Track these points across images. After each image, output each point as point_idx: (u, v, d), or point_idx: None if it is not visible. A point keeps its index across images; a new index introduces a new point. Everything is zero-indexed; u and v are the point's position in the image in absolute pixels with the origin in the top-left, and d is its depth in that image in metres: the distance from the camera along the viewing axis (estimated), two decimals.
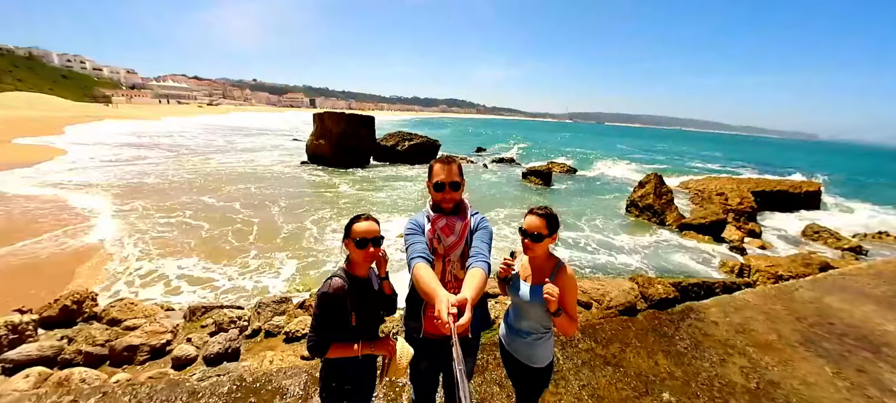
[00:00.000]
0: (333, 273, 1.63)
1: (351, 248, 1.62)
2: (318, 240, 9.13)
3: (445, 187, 1.68)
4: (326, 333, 1.55)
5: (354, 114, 21.99)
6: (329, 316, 1.54)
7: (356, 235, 1.58)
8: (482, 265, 1.52)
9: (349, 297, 1.57)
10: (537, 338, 1.80)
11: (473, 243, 1.66)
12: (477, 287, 1.38)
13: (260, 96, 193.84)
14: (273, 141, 31.28)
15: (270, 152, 25.21)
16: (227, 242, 8.66)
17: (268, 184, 14.96)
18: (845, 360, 3.41)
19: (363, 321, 1.64)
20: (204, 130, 36.51)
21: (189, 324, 4.58)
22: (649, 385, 2.90)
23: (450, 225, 1.69)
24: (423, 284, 1.42)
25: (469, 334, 1.68)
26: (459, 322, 1.16)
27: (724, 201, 14.17)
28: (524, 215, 1.77)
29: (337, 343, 1.58)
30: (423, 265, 1.52)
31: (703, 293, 5.62)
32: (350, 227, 1.62)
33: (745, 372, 3.15)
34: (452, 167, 1.69)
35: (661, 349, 3.41)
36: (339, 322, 1.57)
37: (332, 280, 1.57)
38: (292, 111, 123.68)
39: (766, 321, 4.06)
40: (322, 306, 1.54)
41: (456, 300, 1.22)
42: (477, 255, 1.58)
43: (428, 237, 1.69)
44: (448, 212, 1.72)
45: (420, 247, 1.62)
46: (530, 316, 1.80)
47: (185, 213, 10.43)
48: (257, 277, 7.05)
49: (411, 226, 1.74)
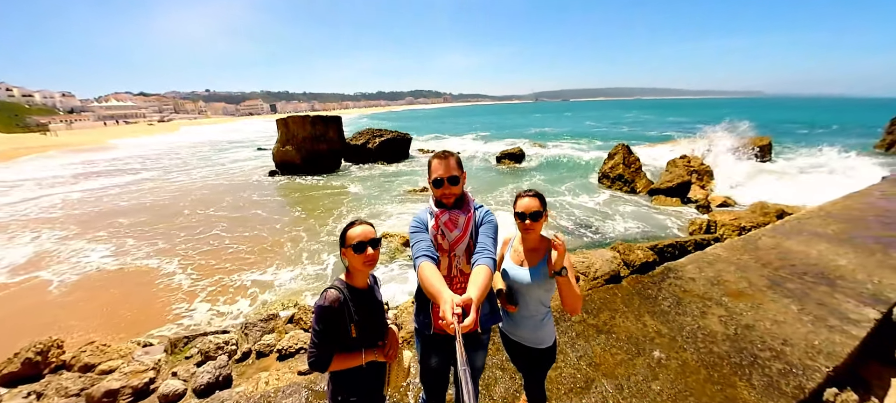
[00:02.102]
0: (330, 285, 1.58)
1: (349, 255, 1.57)
2: (295, 257, 8.86)
3: (444, 183, 1.66)
4: (326, 347, 1.51)
5: (320, 115, 21.29)
6: (327, 330, 1.50)
7: (352, 240, 1.54)
8: (487, 261, 1.51)
9: (347, 308, 1.53)
10: (540, 319, 1.84)
11: (479, 239, 1.65)
12: (482, 286, 1.38)
13: (215, 107, 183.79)
14: (236, 154, 29.80)
15: (235, 166, 24.00)
16: (203, 268, 8.24)
17: (236, 202, 14.24)
18: (807, 297, 3.73)
19: (364, 332, 1.59)
20: (156, 152, 34.22)
21: (172, 357, 4.34)
22: (640, 346, 3.06)
23: (453, 220, 1.67)
24: (427, 284, 1.41)
25: (478, 329, 1.70)
26: (464, 323, 1.15)
27: (686, 163, 14.96)
28: (514, 201, 1.80)
29: (339, 355, 1.54)
30: (427, 264, 1.50)
31: (678, 253, 5.95)
32: (345, 234, 1.57)
33: (723, 321, 3.38)
34: (450, 161, 1.67)
35: (647, 310, 3.59)
36: (339, 335, 1.53)
37: (328, 292, 1.53)
38: (253, 119, 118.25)
39: (737, 271, 4.37)
40: (319, 319, 1.50)
41: (461, 300, 1.21)
42: (482, 251, 1.57)
43: (432, 234, 1.67)
44: (450, 207, 1.70)
45: (425, 245, 1.60)
46: (531, 299, 1.82)
47: (156, 243, 9.78)
48: (239, 299, 6.78)
49: (415, 224, 1.72)
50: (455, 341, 1.03)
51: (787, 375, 2.68)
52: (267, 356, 4.10)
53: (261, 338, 4.37)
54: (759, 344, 3.03)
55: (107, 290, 7.27)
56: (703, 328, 3.29)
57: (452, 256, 1.69)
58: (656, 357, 2.93)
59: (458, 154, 1.73)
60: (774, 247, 5.05)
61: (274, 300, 6.59)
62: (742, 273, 4.30)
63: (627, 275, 4.49)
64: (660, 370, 2.78)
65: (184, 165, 24.73)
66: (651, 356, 2.94)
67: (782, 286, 4.00)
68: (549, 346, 1.89)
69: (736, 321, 3.36)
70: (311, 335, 1.54)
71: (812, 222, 6.07)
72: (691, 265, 4.58)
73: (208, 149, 33.49)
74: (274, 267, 7.97)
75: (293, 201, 14.13)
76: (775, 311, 3.50)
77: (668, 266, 4.58)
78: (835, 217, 6.22)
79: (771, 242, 5.24)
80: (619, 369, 2.80)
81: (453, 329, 1.11)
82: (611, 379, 2.70)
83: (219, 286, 7.26)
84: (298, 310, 4.77)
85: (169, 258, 8.64)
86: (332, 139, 21.32)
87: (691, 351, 2.99)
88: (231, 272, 7.84)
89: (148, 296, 6.96)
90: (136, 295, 7.03)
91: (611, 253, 4.93)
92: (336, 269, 7.77)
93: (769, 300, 3.70)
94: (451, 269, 1.69)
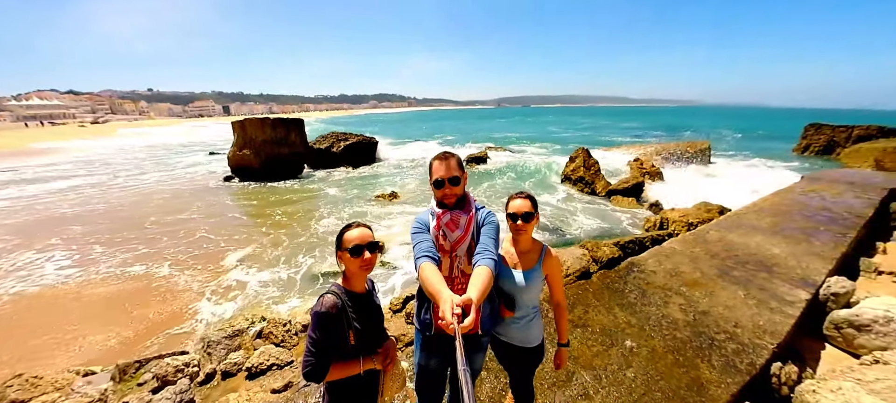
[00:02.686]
0: (327, 290, 1.52)
1: (345, 259, 1.51)
2: (258, 268, 8.38)
3: (445, 183, 1.67)
4: (323, 355, 1.44)
5: (282, 117, 20.33)
6: (324, 337, 1.43)
7: (349, 243, 1.49)
8: (488, 262, 1.51)
9: (346, 314, 1.47)
10: (530, 320, 1.87)
11: (480, 239, 1.66)
12: (482, 287, 1.38)
13: (160, 108, 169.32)
14: (188, 158, 27.58)
15: (186, 170, 22.20)
16: (147, 290, 7.53)
17: (185, 212, 13.12)
18: (751, 282, 4.16)
19: (363, 339, 1.54)
20: (87, 161, 30.71)
21: (121, 385, 3.92)
22: (613, 337, 3.24)
23: (454, 220, 1.67)
24: (427, 284, 1.40)
25: (479, 331, 1.70)
26: (464, 323, 1.15)
27: (639, 165, 16.09)
28: (507, 203, 1.83)
29: (336, 364, 1.48)
30: (428, 265, 1.49)
31: (639, 248, 6.38)
32: (341, 237, 1.52)
33: (683, 309, 3.67)
34: (451, 162, 1.68)
35: (617, 303, 3.81)
36: (336, 342, 1.47)
37: (325, 298, 1.46)
38: (204, 121, 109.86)
39: (690, 263, 4.76)
40: (316, 326, 1.43)
41: (461, 301, 1.21)
42: (483, 252, 1.57)
43: (433, 234, 1.67)
44: (451, 207, 1.71)
45: (425, 246, 1.59)
46: (522, 301, 1.84)
47: (99, 266, 8.74)
48: (196, 316, 6.27)
49: (417, 225, 1.71)
50: (455, 341, 1.02)
51: (740, 353, 2.97)
52: (234, 375, 3.83)
53: (226, 357, 4.07)
54: (715, 328, 3.32)
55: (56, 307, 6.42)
56: (666, 316, 3.54)
57: (454, 256, 1.69)
58: (628, 346, 3.12)
59: (458, 155, 1.72)
60: (720, 240, 5.58)
61: (236, 314, 6.17)
62: (695, 265, 4.70)
63: (596, 271, 4.74)
64: (632, 358, 2.96)
65: (116, 176, 22.40)
66: (624, 345, 3.12)
67: (729, 274, 4.42)
68: (537, 345, 1.92)
69: (694, 308, 3.67)
70: (307, 343, 1.46)
71: (748, 217, 6.78)
72: (651, 259, 4.93)
73: (144, 155, 30.65)
74: (232, 280, 7.46)
75: (252, 209, 13.33)
76: (726, 297, 3.87)
77: (631, 261, 4.88)
78: (766, 212, 6.99)
79: (717, 235, 5.78)
80: (596, 360, 2.95)
81: (453, 330, 1.10)
82: (589, 370, 2.84)
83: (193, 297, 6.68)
84: (268, 324, 4.50)
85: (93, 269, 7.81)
86: (294, 143, 20.45)
87: (658, 339, 3.21)
88: (182, 289, 7.24)
89: (148, 303, 6.28)
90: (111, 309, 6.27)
91: (580, 251, 5.17)
92: (305, 281, 7.45)
93: (720, 288, 4.08)
94: (452, 270, 1.69)
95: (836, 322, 3.59)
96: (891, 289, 4.63)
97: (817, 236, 5.66)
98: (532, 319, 1.87)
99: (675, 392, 2.60)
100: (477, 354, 1.85)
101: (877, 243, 6.43)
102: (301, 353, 4.05)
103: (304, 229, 10.60)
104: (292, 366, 3.73)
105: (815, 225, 6.16)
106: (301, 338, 4.28)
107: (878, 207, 7.42)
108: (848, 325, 3.50)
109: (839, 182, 9.48)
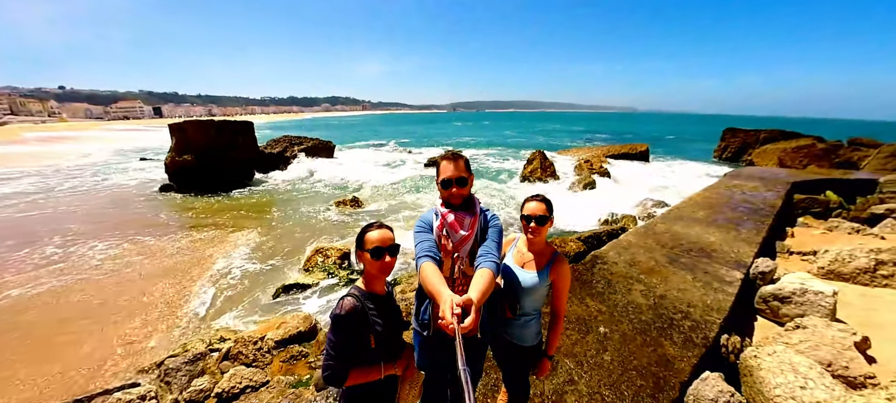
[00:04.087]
0: (347, 292, 1.48)
1: (365, 260, 1.48)
2: (207, 286, 7.73)
3: (453, 184, 1.65)
4: (344, 359, 1.40)
5: (227, 120, 18.88)
6: (344, 341, 1.40)
7: (370, 244, 1.46)
8: (490, 265, 1.49)
9: (366, 317, 1.45)
10: (530, 319, 1.89)
11: (483, 242, 1.65)
12: (483, 288, 1.36)
13: (74, 108, 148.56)
14: (114, 165, 24.47)
15: (113, 178, 19.70)
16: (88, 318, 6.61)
17: (110, 232, 11.62)
18: (696, 267, 4.70)
19: (384, 342, 1.52)
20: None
21: None
22: (588, 325, 3.48)
23: (459, 220, 1.66)
24: (428, 284, 1.39)
25: (477, 334, 1.68)
26: (464, 324, 1.13)
27: (590, 166, 17.28)
28: (522, 205, 1.85)
29: (357, 369, 1.45)
30: (428, 264, 1.48)
31: (598, 243, 6.87)
32: (362, 237, 1.49)
33: (644, 294, 4.05)
34: (459, 163, 1.67)
35: (587, 294, 4.09)
36: (357, 346, 1.44)
37: (345, 301, 1.43)
38: (132, 124, 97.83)
39: (645, 253, 5.25)
40: (335, 330, 1.39)
41: (461, 301, 1.19)
42: (486, 254, 1.56)
43: (436, 234, 1.66)
44: (457, 207, 1.70)
45: (427, 245, 1.58)
46: (532, 300, 1.85)
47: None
48: (142, 343, 5.62)
49: (420, 224, 1.69)
50: (455, 342, 1.01)
51: (696, 329, 3.35)
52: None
53: (189, 384, 3.71)
54: (672, 309, 3.71)
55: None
56: (631, 302, 3.88)
57: (456, 258, 1.67)
58: (602, 332, 3.37)
59: (466, 156, 1.73)
60: (667, 231, 6.21)
61: (190, 338, 5.62)
62: (650, 254, 5.19)
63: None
64: (607, 342, 3.21)
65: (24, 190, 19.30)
66: (598, 332, 3.38)
67: (678, 261, 4.95)
68: (532, 345, 1.93)
69: (653, 293, 4.06)
70: (327, 346, 1.42)
71: (687, 210, 7.62)
72: (612, 251, 5.35)
73: (53, 163, 26.71)
74: (185, 301, 6.79)
75: (195, 222, 12.20)
76: (678, 281, 4.33)
77: (595, 254, 5.27)
78: (700, 205, 7.90)
79: (664, 227, 6.43)
80: (577, 348, 3.15)
81: (452, 330, 1.09)
82: (572, 358, 3.03)
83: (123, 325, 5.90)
84: (236, 344, 4.17)
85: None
86: (242, 147, 19.08)
87: (626, 323, 3.51)
88: (129, 310, 6.44)
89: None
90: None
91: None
92: (266, 297, 6.99)
93: (672, 274, 4.55)
94: (453, 271, 1.67)
95: (764, 297, 4.18)
96: (801, 266, 5.48)
97: (743, 224, 6.53)
98: (532, 320, 1.90)
99: (647, 369, 2.87)
100: (477, 356, 1.84)
101: (786, 228, 7.56)
102: (277, 372, 3.80)
103: (260, 240, 9.95)
104: (268, 387, 3.50)
105: (740, 216, 7.09)
106: (275, 356, 4.03)
107: (785, 198, 8.72)
108: (773, 298, 4.10)
109: (754, 178, 10.98)
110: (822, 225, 7.49)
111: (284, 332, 4.31)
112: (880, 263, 4.74)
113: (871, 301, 4.36)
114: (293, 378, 3.70)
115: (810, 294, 3.85)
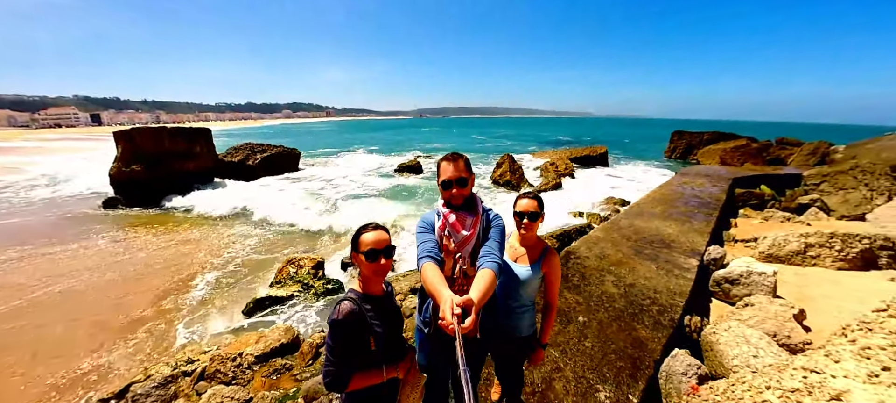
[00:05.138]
0: (343, 296, 1.47)
1: (360, 261, 1.46)
2: (166, 311, 7.22)
3: (453, 185, 1.65)
4: (343, 364, 1.39)
5: (182, 127, 17.68)
6: (344, 345, 1.39)
7: (364, 246, 1.44)
8: (492, 265, 1.49)
9: (365, 319, 1.44)
10: (525, 310, 1.96)
11: (485, 242, 1.65)
12: (484, 289, 1.36)
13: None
14: (48, 177, 21.85)
15: (32, 194, 17.65)
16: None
17: (57, 250, 10.57)
18: (658, 257, 5.12)
19: (384, 343, 1.50)
20: None
21: None
22: (568, 316, 3.69)
23: (461, 220, 1.66)
24: (428, 284, 1.40)
25: (477, 335, 1.70)
26: (464, 324, 1.13)
27: (555, 168, 18.06)
28: (515, 202, 1.93)
29: (359, 373, 1.44)
30: (429, 264, 1.49)
31: (569, 240, 7.24)
32: (357, 238, 1.47)
33: (615, 284, 4.35)
34: (459, 163, 1.67)
35: (565, 287, 4.33)
36: (357, 349, 1.43)
37: (341, 305, 1.41)
38: (67, 133, 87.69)
39: (613, 246, 5.63)
40: (333, 334, 1.39)
41: (461, 301, 1.19)
42: (487, 255, 1.56)
43: (438, 234, 1.67)
44: (459, 207, 1.70)
45: (429, 245, 1.60)
46: (525, 292, 1.93)
47: None
48: (98, 371, 5.13)
49: (421, 225, 1.71)
50: (455, 342, 1.02)
51: (663, 313, 3.67)
52: None
53: None
54: (642, 296, 4.03)
55: None
56: (604, 292, 4.16)
57: (458, 258, 1.67)
58: (581, 321, 3.60)
59: (466, 157, 1.74)
60: (629, 226, 6.68)
61: (154, 361, 5.21)
62: (617, 248, 5.57)
63: None
64: (587, 330, 3.43)
65: None
66: (578, 321, 3.59)
67: (642, 252, 5.36)
68: (525, 336, 1.99)
69: (623, 283, 4.37)
70: (326, 352, 1.42)
71: (646, 206, 8.23)
72: (583, 246, 5.68)
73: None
74: (141, 326, 6.28)
75: (147, 240, 11.29)
76: (644, 271, 4.69)
77: (567, 250, 5.56)
78: (657, 201, 8.56)
79: (626, 223, 6.91)
80: (559, 337, 3.34)
81: (452, 330, 1.09)
82: (556, 347, 3.20)
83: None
84: (212, 362, 3.93)
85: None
86: (199, 156, 17.95)
87: (602, 312, 3.76)
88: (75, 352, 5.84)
89: None
90: None
91: None
92: (235, 313, 6.64)
93: (638, 264, 4.92)
94: (454, 270, 1.67)
95: (717, 280, 4.64)
96: (745, 252, 6.12)
97: (695, 217, 7.17)
98: (528, 310, 1.98)
99: (624, 352, 3.11)
100: (478, 356, 1.89)
101: (730, 218, 8.38)
102: (260, 388, 3.64)
103: (221, 254, 9.41)
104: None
105: (692, 209, 7.77)
106: (257, 371, 3.85)
107: (728, 192, 9.66)
108: (725, 281, 4.57)
109: (701, 175, 12.05)
110: (760, 216, 8.41)
111: (265, 345, 4.14)
112: (809, 245, 5.43)
113: (803, 279, 4.99)
114: (278, 392, 3.56)
115: (755, 276, 4.34)
